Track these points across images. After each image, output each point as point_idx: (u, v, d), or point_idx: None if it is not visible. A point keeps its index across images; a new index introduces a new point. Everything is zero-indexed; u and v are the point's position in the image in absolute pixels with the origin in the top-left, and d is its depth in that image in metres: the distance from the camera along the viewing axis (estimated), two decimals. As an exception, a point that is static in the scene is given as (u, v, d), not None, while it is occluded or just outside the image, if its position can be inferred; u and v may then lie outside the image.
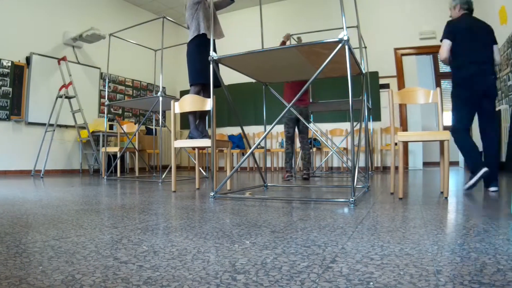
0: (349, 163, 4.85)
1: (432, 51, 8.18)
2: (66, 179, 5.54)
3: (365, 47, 6.63)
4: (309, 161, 5.40)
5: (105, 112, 6.39)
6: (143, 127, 8.67)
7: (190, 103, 3.63)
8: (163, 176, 5.05)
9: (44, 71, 7.10)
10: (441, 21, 7.44)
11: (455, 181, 4.52)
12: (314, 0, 8.83)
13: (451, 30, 3.44)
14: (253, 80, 4.11)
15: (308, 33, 5.55)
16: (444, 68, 10.48)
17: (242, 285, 0.94)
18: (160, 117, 5.42)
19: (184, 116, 9.16)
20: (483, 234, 1.50)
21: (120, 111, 9.01)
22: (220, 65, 3.52)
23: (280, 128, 8.19)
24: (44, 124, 6.81)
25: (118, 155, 6.33)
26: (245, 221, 1.90)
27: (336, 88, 7.72)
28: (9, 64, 6.64)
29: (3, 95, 6.58)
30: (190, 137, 4.28)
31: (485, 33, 3.43)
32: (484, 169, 3.09)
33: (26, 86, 6.89)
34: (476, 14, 3.59)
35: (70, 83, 6.80)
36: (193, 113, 4.25)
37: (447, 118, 10.11)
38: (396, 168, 3.12)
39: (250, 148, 3.42)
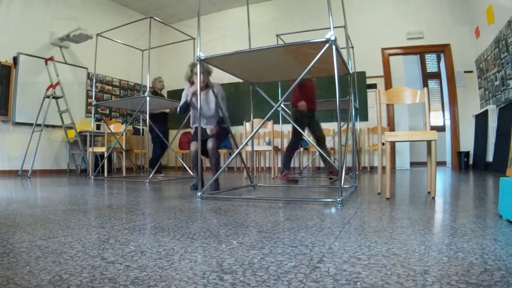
0: (336, 163, 4.88)
1: (419, 51, 8.26)
2: (54, 179, 5.48)
3: (352, 47, 6.66)
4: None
5: (92, 112, 6.34)
6: (130, 127, 8.60)
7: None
8: (150, 176, 5.03)
9: (31, 71, 7.01)
10: (428, 21, 7.60)
11: (442, 181, 4.56)
12: (301, 0, 8.86)
13: None
14: (241, 80, 4.10)
15: (296, 33, 5.55)
16: (432, 68, 10.59)
17: (229, 285, 0.94)
18: (147, 117, 5.40)
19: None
20: (470, 234, 1.51)
21: (107, 111, 8.93)
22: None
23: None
24: (31, 124, 6.72)
25: (105, 155, 6.28)
26: (232, 221, 1.90)
27: (323, 88, 7.76)
28: (-4, 64, 6.55)
29: (-11, 95, 6.47)
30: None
31: None
32: None
33: (14, 86, 6.79)
34: (465, 13, 3.63)
35: (58, 83, 6.73)
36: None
37: (434, 118, 10.24)
38: (383, 168, 3.14)
39: (237, 148, 3.41)
